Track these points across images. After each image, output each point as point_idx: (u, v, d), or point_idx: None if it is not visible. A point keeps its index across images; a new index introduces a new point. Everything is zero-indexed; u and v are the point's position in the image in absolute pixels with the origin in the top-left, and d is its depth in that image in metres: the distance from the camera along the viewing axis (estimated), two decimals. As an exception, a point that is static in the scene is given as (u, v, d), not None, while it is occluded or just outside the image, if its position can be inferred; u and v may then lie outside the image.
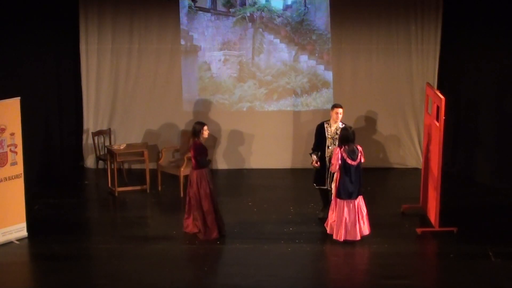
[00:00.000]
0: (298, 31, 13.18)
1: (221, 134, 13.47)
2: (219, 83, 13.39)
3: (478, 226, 10.79)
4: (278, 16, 13.15)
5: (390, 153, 13.49)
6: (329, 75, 13.31)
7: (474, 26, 12.40)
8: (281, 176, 13.19)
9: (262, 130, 13.47)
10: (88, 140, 13.43)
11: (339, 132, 10.41)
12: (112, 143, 13.21)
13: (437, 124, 10.34)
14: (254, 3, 13.08)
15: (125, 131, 13.47)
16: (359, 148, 10.25)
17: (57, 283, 9.22)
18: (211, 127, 13.15)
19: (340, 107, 10.77)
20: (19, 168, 10.30)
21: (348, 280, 9.41)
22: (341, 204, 10.20)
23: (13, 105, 10.16)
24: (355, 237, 10.25)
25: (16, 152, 10.24)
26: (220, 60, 13.29)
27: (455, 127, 12.95)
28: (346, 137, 10.16)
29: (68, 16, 13.00)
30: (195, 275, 9.53)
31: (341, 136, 10.24)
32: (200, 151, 10.31)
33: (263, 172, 13.37)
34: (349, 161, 10.10)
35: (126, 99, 13.41)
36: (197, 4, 13.10)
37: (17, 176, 10.29)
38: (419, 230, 10.56)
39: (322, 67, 13.28)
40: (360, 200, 10.31)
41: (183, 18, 13.17)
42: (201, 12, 13.13)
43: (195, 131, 10.34)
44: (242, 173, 13.41)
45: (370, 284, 9.25)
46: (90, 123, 13.45)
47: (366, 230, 10.36)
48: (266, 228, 10.82)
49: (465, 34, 12.61)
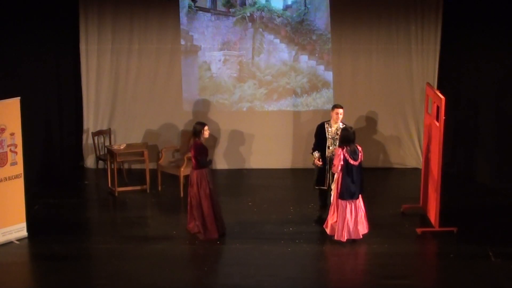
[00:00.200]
0: (298, 31, 13.18)
1: (221, 134, 13.47)
2: (219, 83, 13.38)
3: (478, 226, 10.78)
4: (278, 16, 13.15)
5: (390, 153, 13.49)
6: (329, 75, 13.31)
7: (474, 26, 12.39)
8: (281, 176, 13.19)
9: (262, 130, 13.47)
10: (88, 140, 13.43)
11: (340, 133, 10.40)
12: (112, 143, 13.20)
13: (437, 124, 10.34)
14: (254, 3, 13.08)
15: (125, 131, 13.46)
16: (359, 148, 10.26)
17: (57, 283, 9.22)
18: (211, 127, 13.13)
19: (340, 107, 10.77)
20: (19, 168, 10.29)
21: (348, 280, 9.41)
22: (344, 204, 10.18)
23: (13, 105, 10.16)
24: (358, 236, 10.26)
25: (16, 152, 10.24)
26: (220, 60, 13.29)
27: (455, 127, 12.95)
28: (347, 138, 10.16)
29: (68, 16, 13.00)
30: (195, 275, 9.53)
31: (342, 136, 10.24)
32: (200, 151, 10.32)
33: (263, 172, 13.37)
34: (351, 161, 10.09)
35: (126, 99, 13.41)
36: (197, 4, 13.09)
37: (17, 176, 10.29)
38: (419, 230, 10.56)
39: (322, 67, 13.28)
40: (360, 200, 10.32)
41: (183, 18, 13.17)
42: (201, 12, 13.13)
43: (196, 131, 10.35)
44: (242, 173, 13.40)
45: (370, 284, 9.24)
46: (90, 123, 13.45)
47: (366, 229, 10.38)
48: (266, 228, 10.82)
49: (465, 34, 12.61)
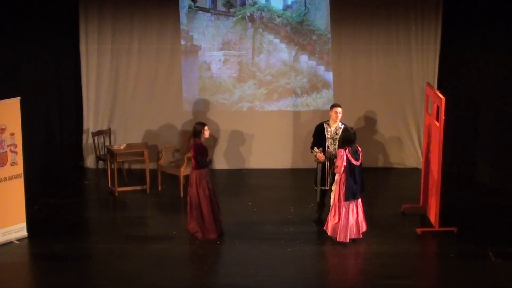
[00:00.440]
0: (298, 31, 13.18)
1: (221, 134, 13.47)
2: (219, 83, 13.38)
3: (478, 226, 10.78)
4: (278, 16, 13.15)
5: (390, 153, 13.49)
6: (329, 76, 13.30)
7: (474, 26, 12.39)
8: (281, 176, 13.19)
9: (262, 130, 13.47)
10: (88, 140, 13.43)
11: (341, 134, 10.37)
12: (112, 143, 13.20)
13: (437, 124, 10.34)
14: (254, 3, 13.08)
15: (125, 131, 13.46)
16: (359, 148, 10.26)
17: (57, 283, 9.22)
18: (211, 127, 13.12)
19: (339, 106, 10.75)
20: (19, 168, 10.29)
21: (348, 280, 9.41)
22: (347, 205, 10.17)
23: (13, 105, 10.16)
24: (358, 235, 10.27)
25: (16, 152, 10.24)
26: (220, 60, 13.29)
27: (455, 127, 12.94)
28: (349, 138, 10.15)
29: (68, 16, 13.00)
30: (195, 275, 9.53)
31: (344, 137, 10.20)
32: (200, 151, 10.32)
33: (263, 172, 13.36)
34: (354, 161, 10.08)
35: (126, 99, 13.40)
36: (197, 4, 13.09)
37: (17, 176, 10.29)
38: (419, 230, 10.56)
39: (322, 67, 13.28)
40: (359, 199, 10.32)
41: (183, 18, 13.17)
42: (201, 12, 13.13)
43: (196, 131, 10.34)
44: (242, 173, 13.41)
45: (370, 284, 9.24)
46: (90, 123, 13.44)
47: (364, 227, 10.39)
48: (266, 228, 10.81)
49: (465, 34, 12.60)
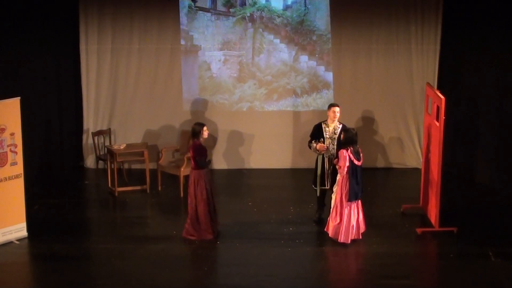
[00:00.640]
0: (298, 31, 13.17)
1: (221, 134, 13.47)
2: (219, 83, 13.38)
3: (478, 226, 10.78)
4: (278, 16, 13.15)
5: (390, 153, 13.49)
6: (329, 76, 13.30)
7: (474, 26, 12.39)
8: (281, 176, 13.19)
9: (262, 130, 13.47)
10: (88, 140, 13.43)
11: (344, 134, 10.26)
12: (112, 143, 13.20)
13: (437, 124, 10.34)
14: (254, 3, 13.08)
15: (125, 131, 13.46)
16: (359, 148, 10.26)
17: (57, 283, 9.22)
18: (211, 127, 13.17)
19: (337, 106, 10.73)
20: (19, 168, 10.29)
21: (348, 280, 9.41)
22: (349, 206, 10.15)
23: (13, 105, 10.16)
24: (358, 236, 10.27)
25: (16, 152, 10.24)
26: (220, 60, 13.29)
27: (455, 127, 12.94)
28: (351, 139, 10.13)
29: (68, 16, 13.00)
30: (195, 275, 9.53)
31: (346, 137, 10.14)
32: (199, 152, 10.30)
33: (263, 172, 13.36)
34: (356, 162, 10.08)
35: (126, 99, 13.40)
36: (197, 4, 13.09)
37: (17, 176, 10.28)
38: (419, 230, 10.56)
39: (322, 68, 13.27)
40: (359, 200, 10.32)
41: (183, 18, 13.17)
42: (201, 12, 13.13)
43: (195, 132, 10.33)
44: (242, 173, 13.40)
45: (370, 284, 9.24)
46: (90, 123, 13.44)
47: (363, 227, 10.39)
48: (266, 228, 10.81)
49: (465, 34, 12.60)
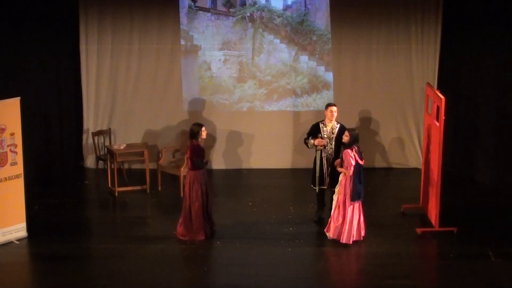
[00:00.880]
0: (298, 31, 13.17)
1: (221, 134, 13.46)
2: (219, 83, 13.38)
3: (478, 226, 10.78)
4: (278, 16, 13.15)
5: (390, 153, 13.49)
6: (329, 76, 13.30)
7: (474, 26, 12.39)
8: (281, 176, 13.19)
9: (262, 130, 13.47)
10: (88, 140, 13.43)
11: (349, 134, 10.13)
12: (112, 143, 13.20)
13: (437, 124, 10.34)
14: (254, 3, 13.08)
15: (125, 131, 13.46)
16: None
17: (57, 283, 9.22)
18: (211, 127, 13.19)
19: (334, 105, 10.73)
20: (19, 168, 10.29)
21: (348, 280, 9.41)
22: (352, 206, 10.14)
23: (13, 105, 10.16)
24: (360, 237, 10.26)
25: (16, 152, 10.24)
26: (220, 60, 13.29)
27: (455, 127, 12.94)
28: (356, 138, 10.12)
29: (68, 16, 13.00)
30: (195, 275, 9.52)
31: (352, 137, 10.11)
32: (196, 153, 10.28)
33: (263, 172, 13.36)
34: (360, 161, 10.07)
35: (126, 99, 13.40)
36: (197, 4, 13.09)
37: (17, 176, 10.29)
38: (419, 230, 10.56)
39: (322, 68, 13.27)
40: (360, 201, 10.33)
41: (183, 18, 13.17)
42: (201, 12, 13.13)
43: (193, 132, 10.30)
44: (242, 173, 13.40)
45: (370, 284, 9.24)
46: (90, 123, 13.44)
47: (364, 230, 10.37)
48: (266, 228, 10.81)
49: (465, 34, 12.61)
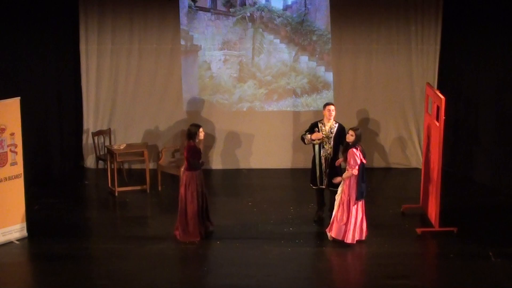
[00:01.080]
0: (298, 31, 13.17)
1: (221, 134, 13.46)
2: (219, 83, 13.38)
3: (478, 226, 10.78)
4: (278, 16, 13.15)
5: (390, 153, 13.49)
6: (329, 76, 13.30)
7: (474, 26, 12.40)
8: (281, 176, 13.19)
9: (262, 130, 13.47)
10: (88, 140, 13.43)
11: (354, 134, 10.08)
12: (112, 143, 13.20)
13: (437, 124, 10.34)
14: (254, 3, 13.08)
15: (125, 131, 13.46)
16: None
17: (57, 283, 9.21)
18: (211, 127, 13.19)
19: (332, 104, 10.73)
20: (19, 168, 10.29)
21: (348, 280, 9.41)
22: (357, 206, 10.12)
23: (13, 105, 10.16)
24: (361, 237, 10.25)
25: (16, 152, 10.23)
26: (220, 60, 13.29)
27: (455, 127, 12.95)
28: (360, 137, 10.12)
29: (68, 16, 13.00)
30: (195, 275, 9.52)
31: (357, 136, 10.11)
32: (192, 153, 10.27)
33: (263, 172, 13.36)
34: (364, 160, 10.06)
35: (126, 99, 13.41)
36: (197, 4, 13.09)
37: (17, 176, 10.28)
38: (419, 230, 10.55)
39: (322, 68, 13.28)
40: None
41: (183, 18, 13.17)
42: (201, 12, 13.13)
43: (191, 133, 10.28)
44: (242, 173, 13.40)
45: (370, 284, 9.24)
46: (90, 123, 13.45)
47: (366, 230, 10.36)
48: (266, 228, 10.81)
49: (465, 34, 12.61)
